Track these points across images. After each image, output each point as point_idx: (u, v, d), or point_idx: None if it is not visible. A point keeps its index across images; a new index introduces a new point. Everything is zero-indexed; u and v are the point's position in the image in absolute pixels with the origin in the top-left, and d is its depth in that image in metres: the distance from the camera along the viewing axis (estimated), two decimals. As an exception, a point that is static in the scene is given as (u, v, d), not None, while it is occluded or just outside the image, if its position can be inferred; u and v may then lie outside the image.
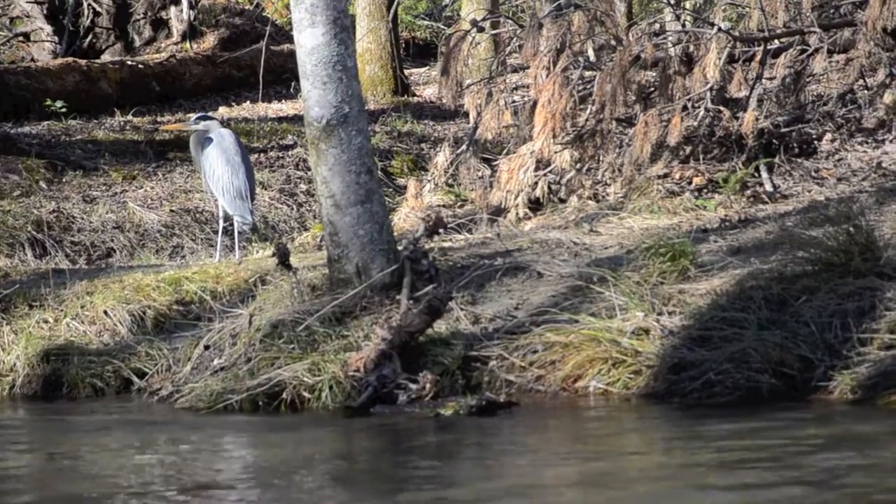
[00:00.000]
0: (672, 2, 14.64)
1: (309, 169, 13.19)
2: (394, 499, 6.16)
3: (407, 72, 20.35)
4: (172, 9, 20.97)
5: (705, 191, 11.59)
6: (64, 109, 17.05)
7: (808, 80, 12.72)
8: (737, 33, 12.33)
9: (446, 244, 10.24)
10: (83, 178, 14.24)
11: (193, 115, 11.06)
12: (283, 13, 23.09)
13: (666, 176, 11.68)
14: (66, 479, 6.98)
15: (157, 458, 7.38)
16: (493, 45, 16.92)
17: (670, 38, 12.82)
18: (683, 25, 13.39)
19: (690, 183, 11.66)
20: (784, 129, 12.22)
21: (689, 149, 11.90)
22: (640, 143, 11.46)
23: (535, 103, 11.71)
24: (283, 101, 19.10)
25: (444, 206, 12.37)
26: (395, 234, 9.47)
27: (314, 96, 8.89)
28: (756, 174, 11.67)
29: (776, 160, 11.90)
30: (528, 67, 12.19)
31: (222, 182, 10.41)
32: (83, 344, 9.47)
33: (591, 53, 12.68)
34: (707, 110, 11.95)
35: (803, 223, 9.65)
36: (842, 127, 12.40)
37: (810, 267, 8.32)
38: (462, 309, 8.67)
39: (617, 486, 6.23)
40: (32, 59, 19.93)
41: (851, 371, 7.62)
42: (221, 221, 10.80)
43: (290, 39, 9.88)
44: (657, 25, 14.70)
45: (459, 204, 12.50)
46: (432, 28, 26.27)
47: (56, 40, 20.35)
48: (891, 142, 12.19)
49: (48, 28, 20.46)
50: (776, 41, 12.46)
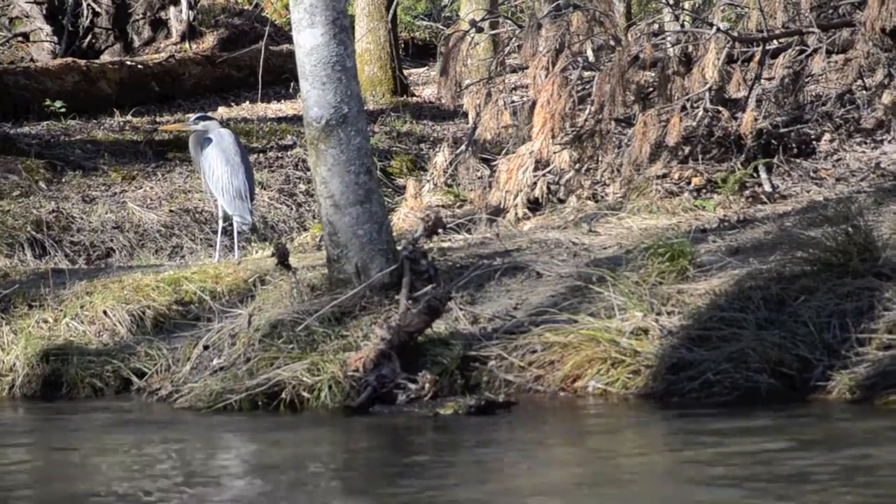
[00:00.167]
0: (671, 2, 14.63)
1: (308, 169, 13.18)
2: (392, 498, 6.16)
3: (406, 72, 20.36)
4: (172, 9, 20.98)
5: (704, 191, 11.59)
6: (63, 109, 17.05)
7: (806, 80, 12.72)
8: (735, 34, 12.33)
9: (445, 244, 10.24)
10: (82, 178, 14.24)
11: (193, 116, 11.06)
12: (282, 13, 23.10)
13: (665, 176, 11.68)
14: (66, 478, 6.98)
15: (156, 458, 7.38)
16: (492, 46, 16.93)
17: (669, 39, 12.81)
18: (682, 26, 13.39)
19: (689, 183, 11.65)
20: (783, 130, 12.22)
21: (687, 149, 11.89)
22: (638, 143, 11.46)
23: (534, 103, 11.71)
24: (283, 101, 19.10)
25: (443, 207, 12.36)
26: (395, 234, 9.46)
27: (313, 96, 8.89)
28: (755, 174, 11.67)
29: (775, 160, 11.90)
30: (527, 68, 12.19)
31: (222, 182, 10.41)
32: (83, 344, 9.47)
33: (589, 54, 12.68)
34: (706, 110, 11.95)
35: (802, 223, 9.65)
36: (840, 127, 12.40)
37: (809, 267, 8.31)
38: (461, 309, 8.67)
39: (615, 485, 6.23)
40: (32, 60, 19.93)
41: (850, 371, 7.61)
42: (221, 221, 10.79)
43: (290, 40, 9.87)
44: (656, 26, 14.69)
45: (458, 204, 12.49)
46: (431, 28, 26.28)
47: (55, 40, 20.36)
48: (889, 142, 12.18)
49: (47, 28, 20.46)
50: (775, 41, 12.46)
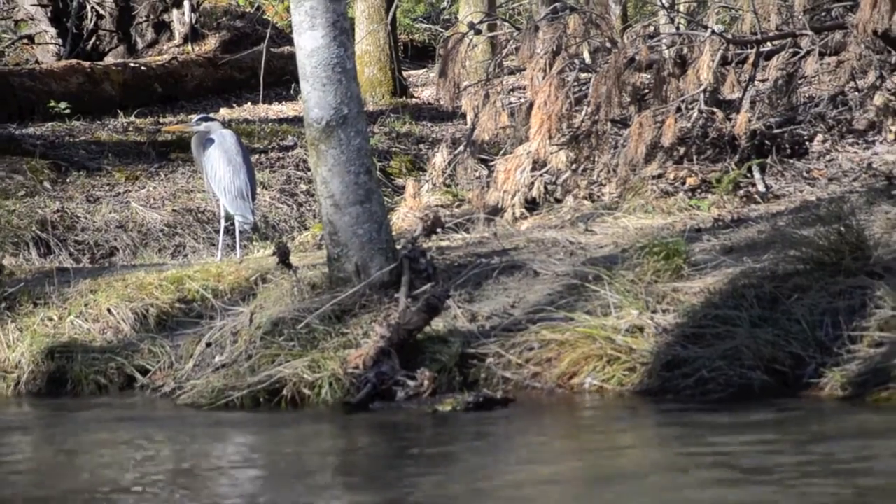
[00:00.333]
0: (666, 5, 14.63)
1: (309, 169, 13.19)
2: (392, 492, 6.16)
3: (405, 74, 20.36)
4: (174, 12, 20.98)
5: (699, 191, 11.59)
6: (68, 111, 17.06)
7: (799, 82, 12.73)
8: (730, 36, 12.34)
9: (444, 243, 10.24)
10: (87, 178, 14.25)
11: (195, 117, 11.06)
12: (283, 16, 23.09)
13: (660, 176, 11.68)
14: (71, 473, 6.98)
15: (159, 454, 7.38)
16: (490, 48, 16.93)
17: (664, 41, 12.82)
18: (677, 28, 13.39)
19: (684, 183, 11.66)
20: (776, 131, 12.22)
21: (682, 150, 11.90)
22: (634, 143, 11.47)
23: (532, 105, 11.71)
24: (284, 102, 19.10)
25: (441, 206, 12.36)
26: (394, 233, 9.47)
27: (314, 98, 8.89)
28: (749, 174, 11.68)
29: (768, 161, 11.90)
30: (525, 69, 12.19)
31: (224, 182, 10.41)
32: (87, 341, 9.47)
33: (586, 56, 12.69)
34: (700, 112, 11.95)
35: (795, 223, 9.65)
36: (833, 128, 12.40)
37: (802, 266, 8.32)
38: (459, 307, 8.67)
39: (611, 480, 6.24)
40: (37, 62, 19.94)
41: (842, 368, 7.62)
42: (223, 221, 10.80)
43: (291, 42, 9.88)
44: (651, 28, 14.71)
45: (457, 204, 12.49)
46: (430, 31, 26.28)
47: (60, 43, 20.36)
48: (881, 143, 12.19)
49: (52, 31, 20.46)
50: (769, 44, 12.47)
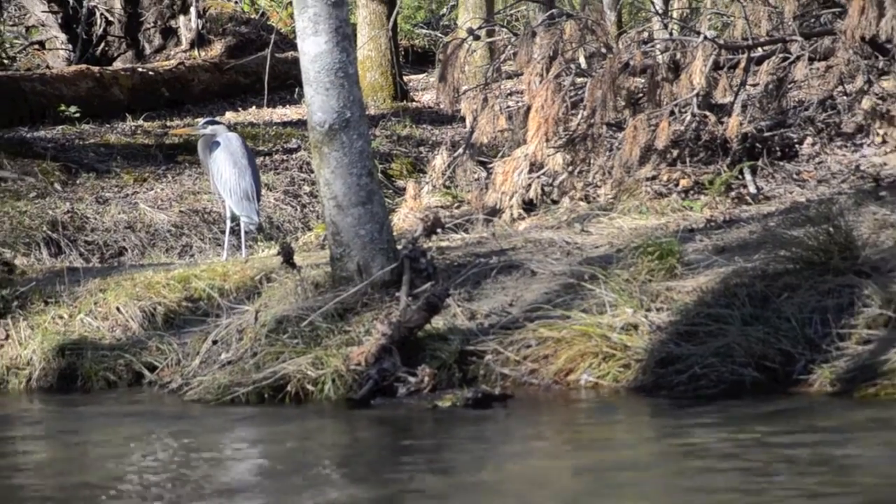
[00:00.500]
0: (660, 11, 14.64)
1: (312, 171, 13.19)
2: (393, 486, 6.18)
3: (406, 78, 20.36)
4: (181, 18, 20.99)
5: (692, 192, 11.59)
6: (78, 114, 17.07)
7: (789, 86, 12.74)
8: (722, 41, 12.34)
9: (444, 243, 10.25)
10: (96, 180, 14.27)
11: (201, 120, 11.07)
12: (287, 22, 23.09)
13: (654, 178, 11.69)
14: (81, 467, 7.00)
15: (167, 448, 7.39)
16: (488, 53, 16.92)
17: (658, 46, 12.82)
18: (671, 34, 13.40)
19: (677, 185, 11.66)
20: (767, 134, 12.23)
21: (676, 152, 11.90)
22: (629, 146, 11.48)
23: (529, 108, 11.72)
24: (288, 106, 19.10)
25: (441, 207, 12.37)
26: (395, 233, 9.48)
27: (317, 102, 8.91)
28: (740, 176, 11.68)
29: (759, 163, 11.91)
30: (522, 74, 12.20)
31: (229, 184, 10.42)
32: (96, 339, 9.48)
33: (582, 61, 12.69)
34: (693, 115, 11.96)
35: (785, 223, 9.66)
36: (822, 131, 12.41)
37: (792, 265, 8.34)
38: (459, 305, 8.68)
39: (607, 473, 6.25)
40: (47, 67, 19.94)
41: (830, 365, 7.64)
42: (228, 221, 10.81)
43: (295, 47, 9.87)
44: (645, 34, 14.68)
45: (456, 205, 12.50)
46: (430, 36, 26.28)
47: (70, 48, 20.37)
48: (868, 146, 12.20)
49: (62, 36, 20.47)
50: (759, 49, 12.48)
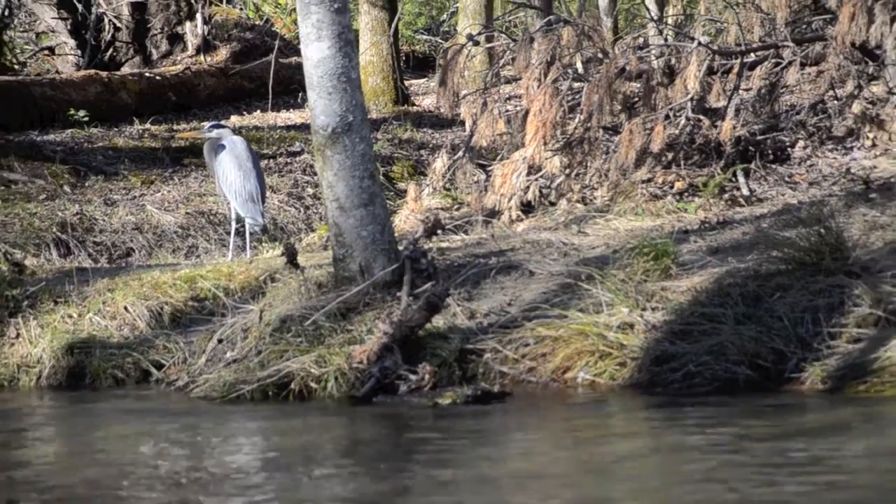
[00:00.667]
0: (655, 17, 14.63)
1: (315, 174, 13.17)
2: (394, 481, 6.16)
3: (407, 83, 20.35)
4: (188, 24, 20.98)
5: (686, 194, 11.58)
6: (86, 118, 17.07)
7: (781, 91, 12.72)
8: (716, 47, 12.32)
9: (444, 244, 10.24)
10: (104, 182, 14.25)
11: (207, 124, 11.05)
12: (291, 28, 23.07)
13: (649, 180, 11.67)
14: (90, 462, 6.98)
15: (173, 444, 7.38)
16: (487, 58, 16.92)
17: (653, 52, 12.80)
18: (666, 40, 13.37)
19: (672, 187, 11.64)
20: (759, 137, 12.21)
21: (671, 155, 11.89)
22: (625, 149, 11.46)
23: (527, 112, 11.70)
24: (291, 110, 19.09)
25: (441, 209, 12.35)
26: (396, 234, 9.46)
27: (320, 106, 8.89)
28: (733, 179, 11.66)
29: (752, 166, 11.88)
30: (521, 79, 12.17)
31: (235, 186, 10.41)
32: (105, 337, 9.47)
33: (579, 66, 12.67)
34: (688, 119, 11.94)
35: (777, 225, 9.65)
36: (813, 135, 12.39)
37: (784, 266, 8.32)
38: (459, 305, 8.67)
39: (603, 469, 6.24)
40: (57, 72, 19.93)
41: (822, 363, 7.63)
42: (234, 223, 10.79)
43: (298, 53, 9.87)
44: (641, 40, 14.69)
45: (456, 207, 12.48)
46: (431, 42, 26.28)
47: (79, 54, 20.36)
48: (858, 149, 12.19)
49: (72, 42, 20.46)
50: (752, 54, 12.46)
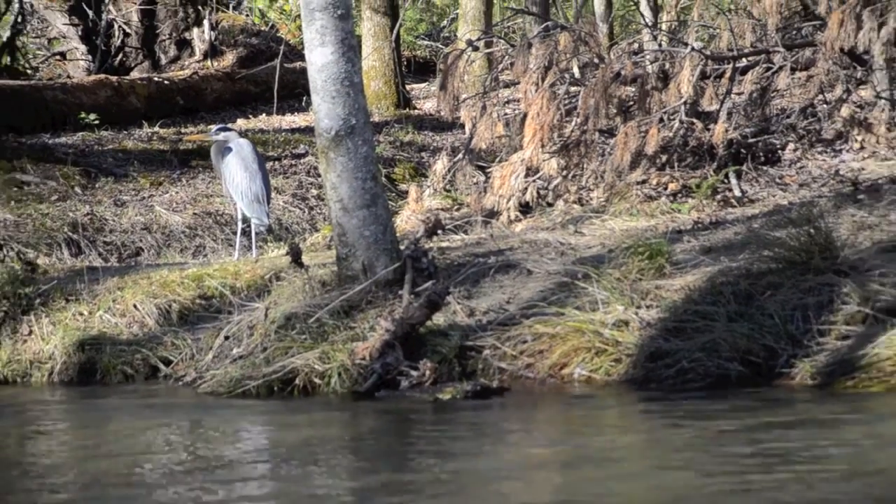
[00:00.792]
0: (650, 23, 14.65)
1: (319, 175, 13.21)
2: (396, 474, 6.19)
3: (408, 87, 20.38)
4: (195, 30, 21.01)
5: (680, 195, 11.60)
6: (97, 122, 17.10)
7: (772, 95, 12.74)
8: (708, 52, 12.35)
9: (444, 244, 10.26)
10: (114, 183, 14.28)
11: (214, 127, 11.07)
12: (295, 34, 23.12)
13: (644, 182, 11.70)
14: (100, 456, 7.01)
15: (181, 438, 7.41)
16: (486, 63, 16.95)
17: (648, 57, 12.83)
18: (660, 45, 13.42)
19: (666, 188, 11.67)
20: (751, 140, 12.23)
21: (665, 157, 11.91)
22: (620, 152, 11.49)
23: (525, 116, 11.73)
24: (296, 113, 19.12)
25: (442, 210, 12.38)
26: (398, 234, 9.49)
27: (324, 109, 8.92)
28: (726, 180, 11.69)
29: (744, 168, 11.91)
30: (519, 83, 12.20)
31: (241, 187, 10.43)
32: (115, 334, 9.49)
33: (576, 70, 12.70)
34: (681, 122, 11.96)
35: (768, 225, 9.67)
36: (803, 138, 12.42)
37: (775, 265, 8.34)
38: (458, 303, 8.69)
39: (599, 462, 6.26)
40: (68, 76, 19.97)
41: (811, 359, 7.64)
42: (240, 223, 10.82)
43: (303, 58, 9.88)
44: (636, 45, 14.70)
45: (456, 207, 12.51)
46: (431, 47, 26.31)
47: (90, 59, 20.40)
48: (847, 151, 12.22)
49: (83, 48, 20.51)
50: (744, 59, 12.49)
